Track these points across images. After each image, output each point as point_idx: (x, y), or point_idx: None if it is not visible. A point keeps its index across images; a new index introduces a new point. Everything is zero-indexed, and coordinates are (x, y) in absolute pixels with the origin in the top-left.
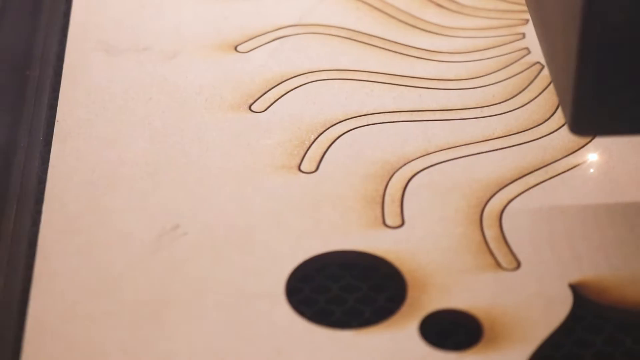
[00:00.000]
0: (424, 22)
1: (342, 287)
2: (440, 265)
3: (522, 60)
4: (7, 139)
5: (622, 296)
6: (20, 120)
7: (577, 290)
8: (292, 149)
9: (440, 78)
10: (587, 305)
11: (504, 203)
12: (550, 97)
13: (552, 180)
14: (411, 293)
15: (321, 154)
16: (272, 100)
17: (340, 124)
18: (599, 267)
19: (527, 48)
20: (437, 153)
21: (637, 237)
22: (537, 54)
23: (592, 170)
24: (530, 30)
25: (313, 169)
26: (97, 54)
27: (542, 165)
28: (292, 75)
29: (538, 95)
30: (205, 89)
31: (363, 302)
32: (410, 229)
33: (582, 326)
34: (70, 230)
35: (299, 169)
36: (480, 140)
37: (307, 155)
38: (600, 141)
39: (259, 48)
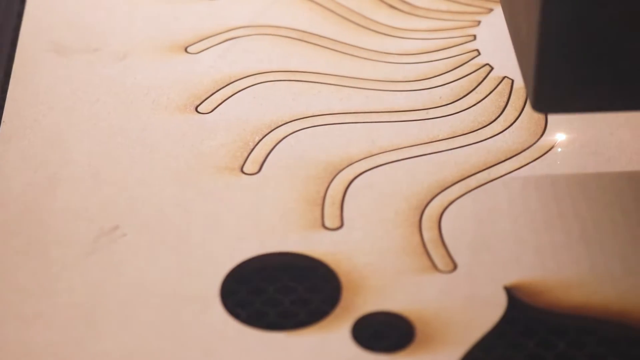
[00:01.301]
0: (376, 24)
1: (278, 289)
2: (376, 267)
3: (472, 62)
4: None
5: (556, 299)
6: None
7: (512, 293)
8: (235, 151)
9: (388, 79)
10: (521, 308)
11: (445, 205)
12: (497, 99)
13: (493, 182)
14: (345, 295)
15: (264, 156)
16: (219, 102)
17: (286, 125)
18: (534, 270)
19: (477, 50)
20: (380, 155)
21: (572, 242)
22: (487, 56)
23: (533, 173)
24: (481, 31)
25: (255, 170)
26: (48, 54)
27: (484, 168)
28: (241, 77)
29: (485, 97)
30: (153, 90)
31: (298, 304)
32: (349, 230)
33: (516, 329)
34: (10, 232)
35: (242, 171)
36: (425, 142)
37: (250, 157)
38: (542, 144)
39: (209, 49)
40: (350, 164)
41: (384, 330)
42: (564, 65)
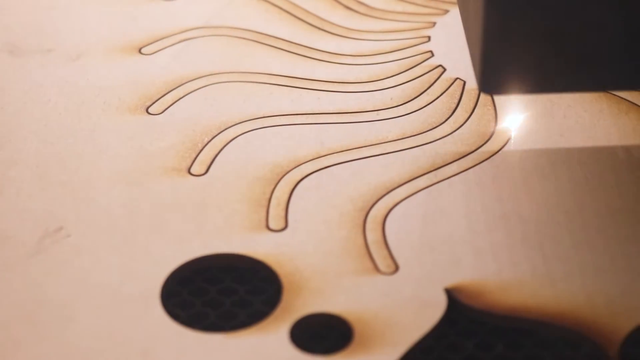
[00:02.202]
0: (331, 25)
1: (219, 290)
2: (318, 269)
3: (425, 64)
4: None
5: (495, 301)
6: None
7: (452, 295)
8: (184, 152)
9: (340, 81)
10: (461, 309)
11: (390, 206)
12: (447, 101)
13: (439, 184)
14: (286, 296)
15: (212, 157)
16: (170, 103)
17: (235, 126)
18: (476, 272)
19: (431, 51)
20: (328, 156)
21: (514, 243)
22: (441, 57)
23: (480, 175)
24: (435, 33)
25: (203, 171)
26: (1, 55)
27: (432, 169)
28: (193, 78)
29: (436, 99)
30: (104, 91)
31: (239, 305)
32: (292, 232)
33: (455, 330)
34: None
35: (189, 172)
36: (374, 143)
37: (198, 158)
38: (490, 146)
39: (163, 50)
40: (298, 165)
41: (322, 331)
42: (509, 47)
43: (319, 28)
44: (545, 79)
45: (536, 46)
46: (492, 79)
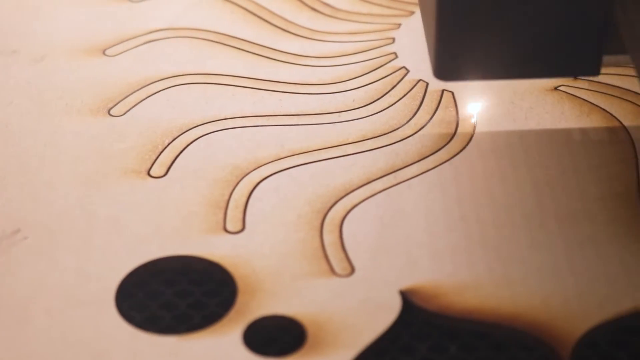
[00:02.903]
0: (296, 27)
1: (175, 293)
2: (274, 271)
3: (388, 65)
4: None
5: (450, 303)
6: None
7: (407, 297)
8: (144, 154)
9: (303, 83)
10: (415, 311)
11: (348, 208)
12: (409, 103)
13: (399, 186)
14: (241, 299)
15: (172, 159)
16: (133, 104)
17: (197, 128)
18: (431, 274)
19: (394, 53)
20: (288, 158)
21: (471, 245)
22: (404, 59)
23: (440, 176)
24: (400, 34)
25: (162, 173)
26: None
27: (391, 171)
28: (156, 80)
29: (398, 101)
30: (67, 92)
31: (194, 308)
32: (250, 234)
33: (410, 332)
34: None
35: (148, 174)
36: (334, 145)
37: (158, 160)
38: (450, 148)
39: (127, 52)
40: (258, 167)
41: (276, 334)
42: (462, 35)
43: (284, 30)
44: (496, 66)
45: (487, 34)
46: (446, 65)
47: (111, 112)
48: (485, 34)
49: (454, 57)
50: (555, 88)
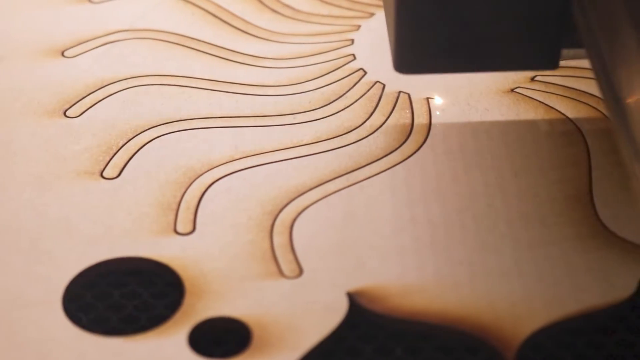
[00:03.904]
0: (257, 28)
1: (123, 294)
2: (222, 273)
3: (346, 67)
4: None
5: (397, 305)
6: None
7: (354, 299)
8: (98, 155)
9: (260, 84)
10: (362, 313)
11: (299, 210)
12: (366, 104)
13: (351, 187)
14: (187, 300)
15: (126, 160)
16: (89, 106)
17: (152, 129)
18: (379, 275)
19: (353, 54)
20: (242, 160)
21: (420, 247)
22: (363, 60)
23: (392, 178)
24: (359, 36)
25: (115, 175)
26: None
27: (344, 173)
28: (114, 81)
29: (354, 102)
30: (24, 94)
31: (141, 309)
32: (200, 235)
33: (356, 334)
34: None
35: (101, 175)
36: (288, 147)
37: (111, 161)
38: (404, 150)
39: (86, 53)
40: (211, 169)
41: (222, 335)
42: (421, 26)
43: (244, 31)
44: (455, 59)
45: (445, 27)
46: (406, 58)
47: (67, 113)
48: (443, 27)
49: (413, 50)
50: (512, 90)
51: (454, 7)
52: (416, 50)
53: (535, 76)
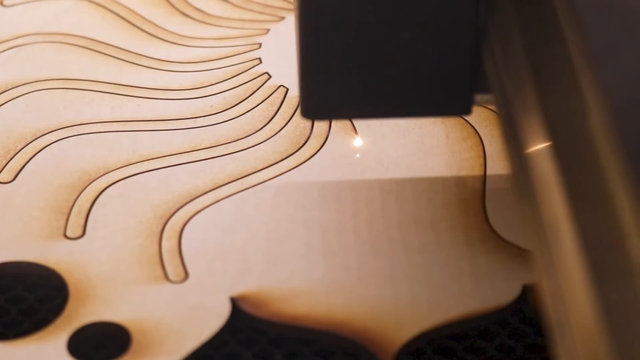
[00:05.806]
0: (166, 32)
1: (8, 299)
2: (108, 277)
3: (252, 71)
4: None
5: (279, 310)
6: None
7: (237, 304)
8: None
9: (163, 88)
10: (244, 318)
11: (191, 214)
12: (267, 109)
13: (245, 192)
14: (71, 305)
15: (23, 164)
16: None
17: (51, 133)
18: (264, 280)
19: (259, 58)
20: (139, 164)
21: (310, 251)
22: (268, 64)
23: (286, 183)
24: (266, 40)
25: (10, 179)
26: None
27: (239, 177)
28: (18, 84)
29: (256, 107)
30: None
31: (25, 314)
32: (89, 240)
33: (237, 339)
34: None
35: None
36: (186, 151)
37: (8, 165)
38: (302, 154)
39: None
40: (106, 173)
41: (102, 340)
42: (325, 74)
43: (153, 35)
44: (363, 105)
45: (351, 75)
46: (312, 105)
47: None
48: (349, 75)
49: (319, 97)
50: None
51: (362, 55)
52: (322, 97)
53: None
